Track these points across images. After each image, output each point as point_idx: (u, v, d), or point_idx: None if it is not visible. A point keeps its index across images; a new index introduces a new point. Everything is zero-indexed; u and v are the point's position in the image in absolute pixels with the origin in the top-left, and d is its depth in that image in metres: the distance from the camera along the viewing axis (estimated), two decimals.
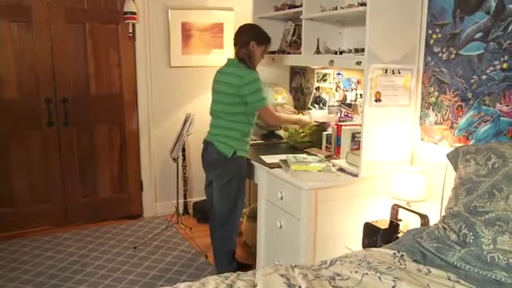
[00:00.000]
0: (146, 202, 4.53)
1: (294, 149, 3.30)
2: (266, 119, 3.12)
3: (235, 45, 3.05)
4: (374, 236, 2.52)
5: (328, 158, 3.03)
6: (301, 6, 3.21)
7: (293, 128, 3.39)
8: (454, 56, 2.54)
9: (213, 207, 3.15)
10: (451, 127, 2.60)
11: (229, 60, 3.09)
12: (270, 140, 3.62)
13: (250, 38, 2.98)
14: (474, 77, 2.43)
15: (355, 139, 2.93)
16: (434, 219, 2.34)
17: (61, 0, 3.93)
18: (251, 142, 3.14)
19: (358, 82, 3.24)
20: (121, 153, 4.40)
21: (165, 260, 3.56)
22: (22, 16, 3.84)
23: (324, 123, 3.36)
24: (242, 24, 3.15)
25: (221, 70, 3.09)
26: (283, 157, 2.85)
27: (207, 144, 3.09)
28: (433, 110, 2.71)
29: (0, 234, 3.93)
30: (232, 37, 4.40)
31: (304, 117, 3.40)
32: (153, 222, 4.38)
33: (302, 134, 3.31)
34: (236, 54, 3.02)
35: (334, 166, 2.83)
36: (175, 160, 3.90)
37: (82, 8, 4.02)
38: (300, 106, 3.85)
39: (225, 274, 1.82)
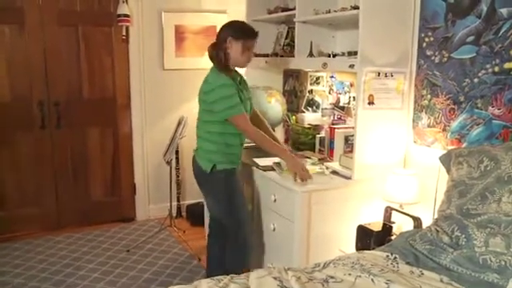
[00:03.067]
0: (138, 204, 4.51)
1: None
2: (241, 130, 2.63)
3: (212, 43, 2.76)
4: (367, 238, 2.53)
5: (321, 160, 3.04)
6: (294, 8, 3.22)
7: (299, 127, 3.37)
8: (446, 59, 2.56)
9: (216, 221, 2.95)
10: (444, 130, 2.61)
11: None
12: None
13: (225, 34, 2.65)
14: (466, 80, 2.44)
15: (348, 142, 2.94)
16: (426, 222, 2.35)
17: (53, 2, 3.91)
18: (245, 145, 2.86)
19: (351, 85, 3.25)
20: (114, 156, 4.38)
21: (158, 263, 3.54)
22: (14, 18, 3.81)
23: (317, 126, 3.36)
24: None
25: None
26: (276, 159, 2.85)
27: (193, 157, 2.84)
28: (425, 112, 2.72)
29: None
30: None
31: (287, 155, 2.69)
32: (146, 224, 4.36)
33: (310, 137, 3.31)
34: (208, 50, 2.74)
35: (327, 168, 2.84)
36: (168, 163, 3.89)
37: (74, 10, 4.00)
38: (293, 109, 3.86)
39: (218, 277, 1.82)
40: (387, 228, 2.51)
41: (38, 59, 3.94)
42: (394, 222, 2.53)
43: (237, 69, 2.81)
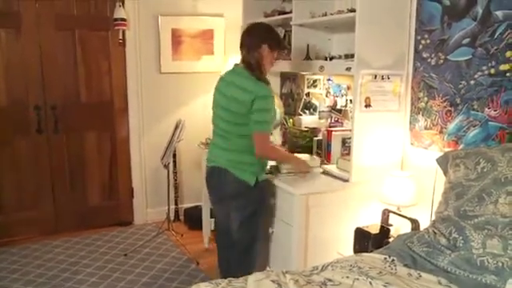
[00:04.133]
0: (136, 208, 4.51)
1: None
2: (258, 147, 2.46)
3: (242, 47, 2.55)
4: (365, 241, 2.53)
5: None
6: (290, 12, 3.23)
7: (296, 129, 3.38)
8: (442, 61, 2.57)
9: (227, 232, 2.73)
10: (441, 132, 2.62)
11: (235, 67, 2.61)
12: None
13: (262, 39, 2.49)
14: (463, 82, 2.45)
15: (345, 145, 2.95)
16: (424, 224, 2.36)
17: (50, 6, 3.91)
18: None
19: (348, 88, 3.26)
20: (111, 160, 4.37)
21: (156, 267, 3.53)
22: (11, 22, 3.81)
23: (314, 129, 3.37)
24: (232, 30, 2.89)
25: (226, 78, 2.61)
26: (273, 163, 2.84)
27: (219, 171, 2.60)
28: (422, 115, 2.73)
29: None
30: (222, 43, 4.41)
31: (294, 158, 2.82)
32: (143, 228, 4.36)
33: (307, 139, 3.31)
34: (243, 59, 2.53)
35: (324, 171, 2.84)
36: (166, 166, 3.89)
37: (71, 14, 4.00)
38: (290, 112, 3.86)
39: (216, 281, 1.82)
40: (385, 230, 2.51)
41: (34, 63, 3.93)
42: (391, 225, 2.53)
43: None
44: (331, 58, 3.00)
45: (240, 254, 2.68)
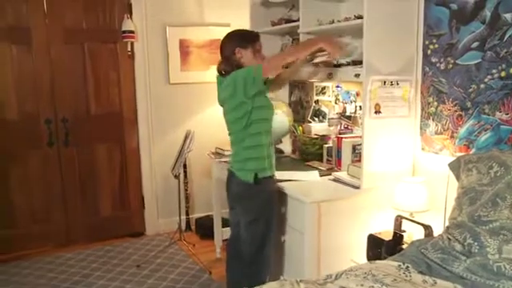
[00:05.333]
0: (148, 219, 4.52)
1: (297, 162, 3.30)
2: (266, 71, 2.46)
3: (221, 61, 2.68)
4: (378, 248, 2.51)
5: (329, 170, 3.03)
6: (298, 20, 3.24)
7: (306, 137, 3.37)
8: (451, 66, 2.56)
9: (236, 240, 2.77)
10: (452, 137, 2.60)
11: (217, 78, 2.76)
12: None
13: (231, 46, 2.60)
14: (473, 86, 2.44)
15: (356, 151, 2.93)
16: (437, 230, 2.34)
17: (59, 21, 3.97)
18: None
19: (357, 95, 3.25)
20: (122, 171, 4.39)
21: (168, 277, 3.53)
22: (22, 38, 3.87)
23: (324, 136, 3.36)
24: None
25: (218, 90, 2.76)
26: (285, 174, 2.83)
27: (230, 174, 2.72)
28: (433, 119, 2.71)
29: (1, 256, 3.90)
30: None
31: (313, 39, 2.72)
32: (155, 239, 4.36)
33: (317, 147, 3.31)
34: (218, 71, 2.69)
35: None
36: (177, 177, 3.90)
37: (80, 28, 4.05)
38: (300, 120, 3.86)
39: None
40: (398, 237, 2.49)
41: (45, 77, 3.98)
42: (404, 231, 2.51)
43: None
44: (339, 65, 3.00)
45: (247, 265, 2.66)
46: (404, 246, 2.37)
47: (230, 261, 2.88)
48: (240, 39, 2.62)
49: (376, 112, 2.61)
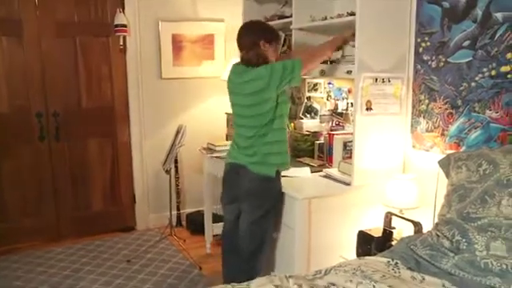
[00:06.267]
0: (138, 214, 4.51)
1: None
2: (306, 67, 2.56)
3: (241, 49, 2.62)
4: (367, 244, 2.53)
5: (320, 166, 3.04)
6: (290, 16, 3.24)
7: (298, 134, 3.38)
8: (443, 64, 2.57)
9: (233, 235, 2.75)
10: (442, 134, 2.62)
11: (236, 66, 2.68)
12: None
13: (256, 37, 2.56)
14: (464, 84, 2.45)
15: (347, 148, 2.95)
16: (427, 226, 2.35)
17: (51, 14, 3.93)
18: None
19: (349, 91, 3.26)
20: (113, 166, 4.38)
21: (158, 272, 3.53)
22: (13, 30, 3.83)
23: (316, 133, 3.37)
24: (233, 35, 2.79)
25: (235, 80, 2.64)
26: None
27: (235, 169, 2.66)
28: (424, 117, 2.73)
29: None
30: (223, 48, 4.43)
31: (331, 42, 2.77)
32: (146, 234, 4.35)
33: (309, 143, 3.31)
34: (242, 58, 2.61)
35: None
36: (168, 172, 3.89)
37: (72, 21, 4.02)
38: (291, 116, 3.86)
39: (219, 286, 1.81)
40: (388, 233, 2.50)
41: (36, 70, 3.95)
42: (394, 228, 2.53)
43: None
44: (332, 62, 3.01)
45: (245, 261, 2.66)
46: (394, 243, 2.39)
47: (226, 256, 2.87)
48: (265, 32, 2.61)
49: (367, 109, 2.62)
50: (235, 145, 2.72)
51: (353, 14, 2.63)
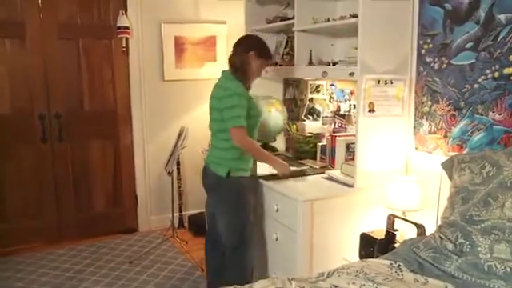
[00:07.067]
0: (141, 215, 4.51)
1: (289, 160, 3.29)
2: (234, 139, 2.59)
3: (232, 49, 2.78)
4: (370, 246, 2.52)
5: (323, 168, 3.03)
6: (293, 18, 3.24)
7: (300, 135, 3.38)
8: (445, 65, 2.56)
9: (212, 231, 2.91)
10: (445, 136, 2.61)
11: (222, 72, 2.83)
12: None
13: (250, 46, 2.70)
14: (466, 86, 2.45)
15: (349, 150, 2.94)
16: (430, 229, 2.34)
17: (54, 16, 3.94)
18: None
19: (352, 93, 3.26)
20: (115, 167, 4.38)
21: (160, 274, 3.53)
22: (16, 32, 3.84)
23: (318, 134, 3.36)
24: (235, 36, 3.00)
25: (217, 82, 2.81)
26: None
27: (205, 168, 2.85)
28: (426, 119, 2.72)
29: None
30: (225, 50, 4.43)
31: (280, 162, 2.82)
32: (148, 235, 4.35)
33: (311, 145, 3.32)
34: (229, 61, 2.75)
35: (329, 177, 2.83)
36: (170, 174, 3.89)
37: (75, 23, 4.03)
38: (294, 118, 3.86)
39: None
40: (390, 236, 2.49)
41: (38, 72, 3.96)
42: (397, 230, 2.52)
43: None
44: (334, 64, 3.00)
45: (228, 256, 2.77)
46: (396, 245, 2.38)
47: (207, 252, 3.01)
48: (259, 47, 2.72)
49: (370, 111, 2.61)
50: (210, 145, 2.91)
51: (355, 15, 2.62)
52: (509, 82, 2.23)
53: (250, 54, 2.67)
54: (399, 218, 2.51)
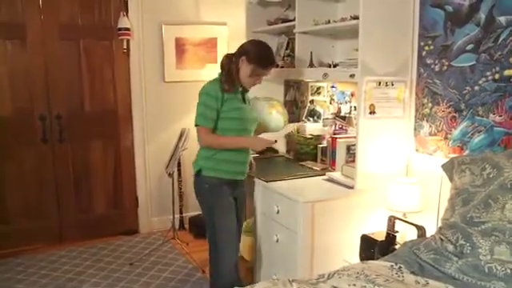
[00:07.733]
0: (141, 217, 4.51)
1: (290, 162, 3.30)
2: (198, 140, 2.63)
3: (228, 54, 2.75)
4: (371, 248, 2.52)
5: (323, 170, 3.03)
6: (294, 20, 3.24)
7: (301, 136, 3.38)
8: (446, 67, 2.57)
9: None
10: (445, 138, 2.61)
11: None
12: (265, 154, 3.61)
13: (245, 51, 2.62)
14: (467, 88, 2.45)
15: (350, 151, 2.94)
16: (430, 230, 2.34)
17: (55, 17, 3.95)
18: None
19: (352, 95, 3.26)
20: (116, 168, 4.38)
21: (161, 276, 3.53)
22: (17, 33, 3.85)
23: (319, 136, 3.36)
24: (236, 38, 2.97)
25: None
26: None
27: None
28: (427, 121, 2.72)
29: None
30: (226, 51, 4.43)
31: (247, 140, 2.72)
32: (149, 237, 4.35)
33: (311, 147, 3.31)
34: (221, 61, 2.71)
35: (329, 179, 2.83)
36: (170, 175, 3.89)
37: (75, 25, 4.04)
38: (295, 119, 3.86)
39: None
40: (391, 237, 2.49)
41: (39, 73, 3.96)
42: (397, 231, 2.52)
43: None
44: (335, 65, 3.01)
45: (211, 250, 2.77)
46: (397, 247, 2.38)
47: (209, 252, 2.96)
48: (254, 52, 2.61)
49: (371, 112, 2.62)
50: None
51: (356, 17, 2.63)
52: (509, 83, 2.23)
53: (241, 58, 2.60)
54: (400, 219, 2.51)
